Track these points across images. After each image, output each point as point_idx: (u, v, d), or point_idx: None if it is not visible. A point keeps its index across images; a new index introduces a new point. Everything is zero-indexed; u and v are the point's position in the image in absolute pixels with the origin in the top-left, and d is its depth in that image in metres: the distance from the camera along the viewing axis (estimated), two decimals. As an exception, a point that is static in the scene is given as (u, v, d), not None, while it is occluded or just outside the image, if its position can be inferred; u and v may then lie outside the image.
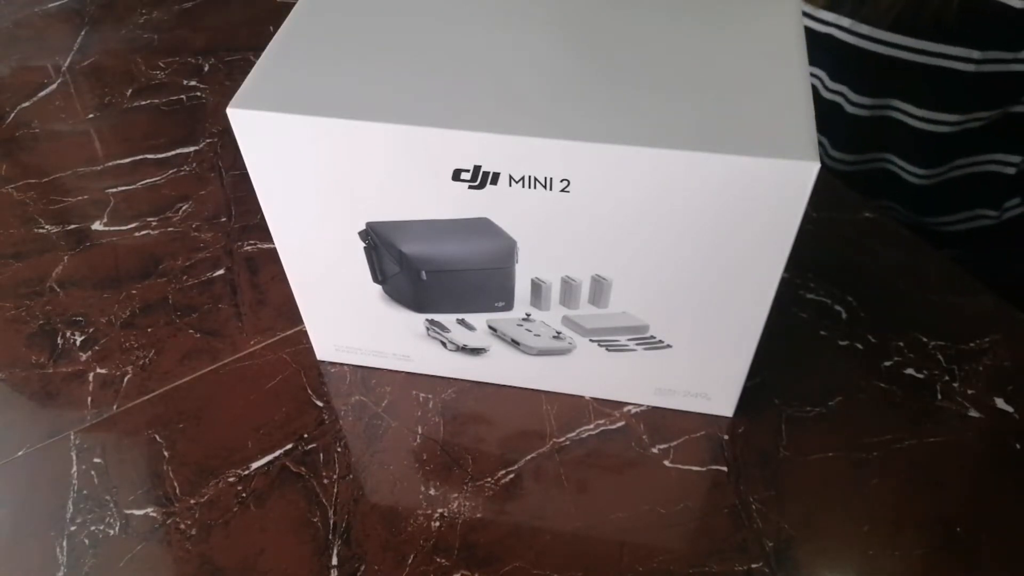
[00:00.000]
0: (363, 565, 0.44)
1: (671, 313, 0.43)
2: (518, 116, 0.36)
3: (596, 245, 0.40)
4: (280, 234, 0.44)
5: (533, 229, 0.40)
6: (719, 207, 0.37)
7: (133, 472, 0.48)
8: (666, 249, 0.40)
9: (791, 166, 0.34)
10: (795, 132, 0.35)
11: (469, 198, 0.39)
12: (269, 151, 0.39)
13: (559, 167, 0.37)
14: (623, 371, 0.48)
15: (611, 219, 0.39)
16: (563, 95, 0.37)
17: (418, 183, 0.39)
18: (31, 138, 0.71)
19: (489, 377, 0.51)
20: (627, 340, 0.46)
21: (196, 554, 0.44)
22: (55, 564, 0.44)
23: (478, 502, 0.46)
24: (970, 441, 0.48)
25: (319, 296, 0.48)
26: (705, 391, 0.48)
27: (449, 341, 0.48)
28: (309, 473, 0.48)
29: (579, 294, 0.43)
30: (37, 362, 0.54)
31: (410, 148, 0.37)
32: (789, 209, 0.36)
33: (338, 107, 0.37)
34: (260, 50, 0.79)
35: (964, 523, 0.45)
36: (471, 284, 0.44)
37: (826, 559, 0.44)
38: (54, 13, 0.87)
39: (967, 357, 0.52)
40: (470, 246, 0.42)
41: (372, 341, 0.50)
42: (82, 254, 0.61)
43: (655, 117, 0.36)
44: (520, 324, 0.46)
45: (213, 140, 0.70)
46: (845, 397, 0.50)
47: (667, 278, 0.41)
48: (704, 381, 0.47)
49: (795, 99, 0.37)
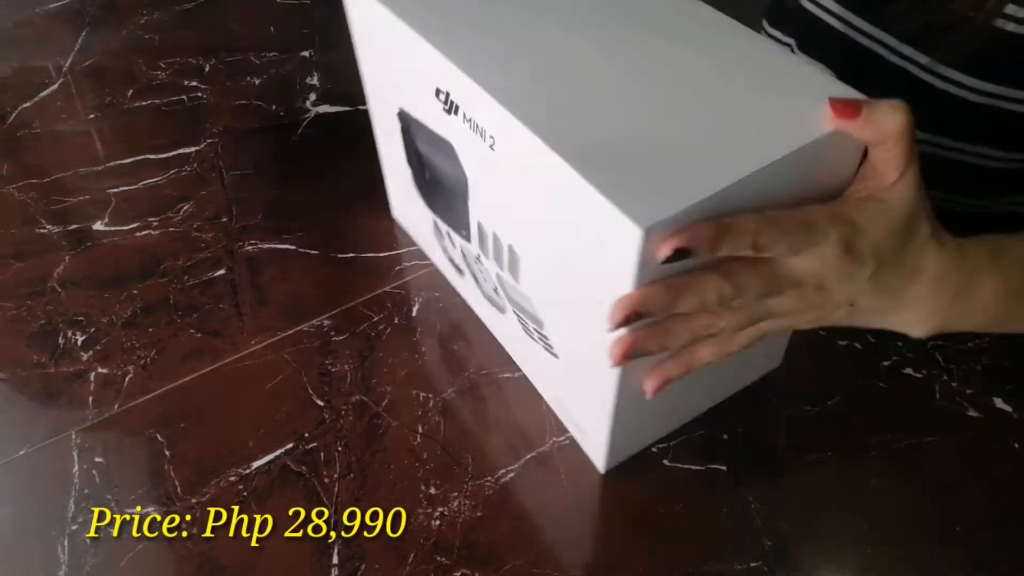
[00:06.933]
0: (363, 564, 0.44)
1: (556, 316, 0.42)
2: (489, 68, 0.38)
3: (508, 214, 0.41)
4: (371, 97, 0.54)
5: (473, 173, 0.43)
6: (578, 232, 0.35)
7: (134, 471, 0.48)
8: (549, 255, 0.39)
9: (618, 219, 0.31)
10: (677, 190, 0.32)
11: (444, 120, 0.43)
12: (366, 26, 0.48)
13: (490, 123, 0.38)
14: (535, 357, 0.48)
15: (515, 196, 0.39)
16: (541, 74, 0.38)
17: (423, 90, 0.43)
18: (32, 138, 0.72)
19: (468, 299, 0.56)
20: (533, 328, 0.46)
21: (197, 553, 0.45)
22: (56, 563, 0.44)
23: (478, 501, 0.46)
24: (969, 441, 0.48)
25: (388, 164, 0.57)
26: (583, 424, 0.47)
27: (444, 249, 0.54)
28: (310, 472, 0.48)
29: (503, 255, 0.44)
30: (38, 362, 0.54)
31: (418, 55, 0.42)
32: (621, 268, 0.33)
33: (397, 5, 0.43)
34: (260, 50, 0.80)
35: (963, 522, 0.45)
36: (448, 201, 0.48)
37: (825, 558, 0.44)
38: (55, 14, 0.87)
39: (966, 357, 0.52)
40: (444, 165, 0.46)
41: (411, 222, 0.59)
42: (83, 254, 0.61)
43: (593, 124, 0.35)
44: (478, 260, 0.49)
45: (214, 140, 0.70)
46: (844, 397, 0.50)
47: (552, 273, 0.40)
48: (582, 410, 0.46)
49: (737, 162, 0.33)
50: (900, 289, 0.38)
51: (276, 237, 0.62)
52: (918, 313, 0.39)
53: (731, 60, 0.38)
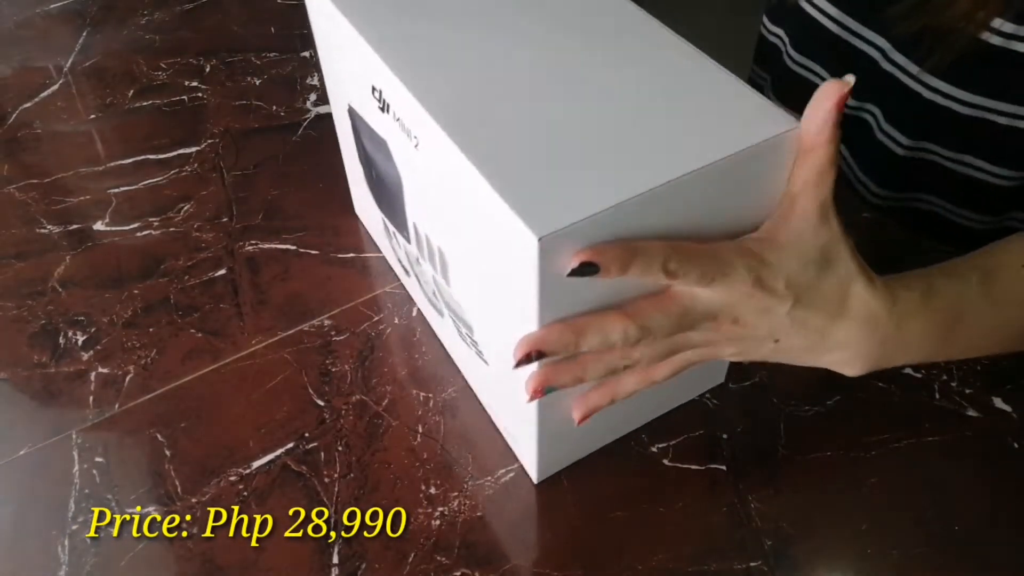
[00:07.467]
0: (364, 563, 0.44)
1: (481, 323, 0.42)
2: (419, 69, 0.39)
3: (435, 216, 0.42)
4: (330, 94, 0.54)
5: (405, 172, 0.44)
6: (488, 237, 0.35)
7: (135, 471, 0.48)
8: (471, 260, 0.39)
9: (517, 226, 0.31)
10: (582, 200, 0.31)
11: (379, 118, 0.43)
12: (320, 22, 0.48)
13: (414, 124, 0.38)
14: (471, 363, 0.48)
15: (438, 198, 0.40)
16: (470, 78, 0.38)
17: (364, 87, 0.44)
18: (33, 138, 0.72)
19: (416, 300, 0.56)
20: (466, 333, 0.45)
21: (197, 553, 0.45)
22: (57, 563, 0.45)
23: (478, 501, 0.46)
24: (968, 440, 0.48)
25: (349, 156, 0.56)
26: (515, 434, 0.46)
27: (392, 248, 0.54)
28: (310, 472, 0.48)
29: (435, 259, 0.44)
30: (39, 362, 0.54)
31: (358, 53, 0.42)
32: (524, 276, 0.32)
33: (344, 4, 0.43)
34: (260, 50, 0.80)
35: (962, 522, 0.45)
36: (390, 200, 0.49)
37: (824, 558, 0.44)
38: (56, 14, 0.87)
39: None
40: (383, 163, 0.46)
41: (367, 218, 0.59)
42: (84, 254, 0.61)
43: (512, 131, 0.35)
44: (418, 262, 0.49)
45: (214, 140, 0.70)
46: (843, 396, 0.50)
47: (475, 278, 0.40)
48: (512, 421, 0.46)
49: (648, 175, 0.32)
50: (822, 328, 0.37)
51: (276, 237, 0.62)
52: (848, 354, 0.39)
53: (664, 72, 0.38)
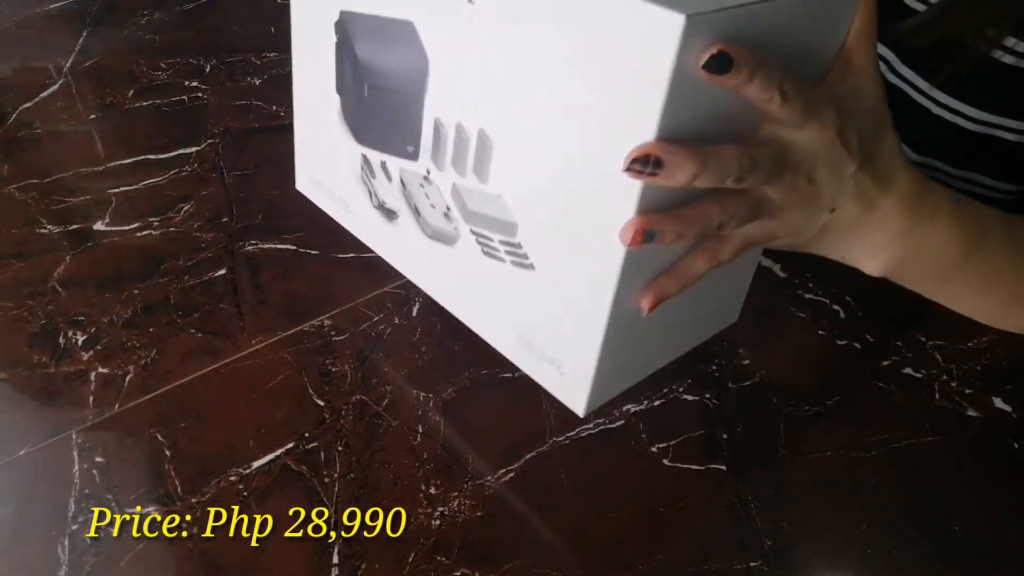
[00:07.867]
0: (364, 564, 0.44)
1: (536, 212, 0.41)
2: None
3: (482, 90, 0.40)
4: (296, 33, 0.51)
5: (436, 53, 0.41)
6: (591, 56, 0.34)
7: (135, 471, 0.48)
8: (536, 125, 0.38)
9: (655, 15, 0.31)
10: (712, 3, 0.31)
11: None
12: None
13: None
14: (493, 292, 0.46)
15: (496, 59, 0.38)
16: None
17: None
18: (33, 139, 0.72)
19: (389, 256, 0.53)
20: (499, 242, 0.44)
21: (197, 553, 0.45)
22: (56, 563, 0.45)
23: (478, 501, 0.46)
24: (968, 440, 0.48)
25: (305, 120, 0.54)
26: (559, 357, 0.43)
27: (373, 193, 0.51)
28: (310, 472, 0.48)
29: (468, 150, 0.43)
30: (39, 362, 0.54)
31: None
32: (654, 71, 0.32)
33: None
34: (260, 50, 0.80)
35: (962, 522, 0.45)
36: (392, 112, 0.46)
37: (824, 557, 0.44)
38: (56, 14, 0.87)
39: (965, 356, 0.52)
40: (394, 61, 0.44)
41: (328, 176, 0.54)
42: (84, 254, 0.61)
43: None
44: (422, 185, 0.47)
45: (214, 140, 0.70)
46: (843, 396, 0.50)
47: (536, 155, 0.39)
48: (559, 340, 0.43)
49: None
50: (874, 200, 0.39)
51: (276, 237, 0.62)
52: (882, 238, 0.40)
53: None
